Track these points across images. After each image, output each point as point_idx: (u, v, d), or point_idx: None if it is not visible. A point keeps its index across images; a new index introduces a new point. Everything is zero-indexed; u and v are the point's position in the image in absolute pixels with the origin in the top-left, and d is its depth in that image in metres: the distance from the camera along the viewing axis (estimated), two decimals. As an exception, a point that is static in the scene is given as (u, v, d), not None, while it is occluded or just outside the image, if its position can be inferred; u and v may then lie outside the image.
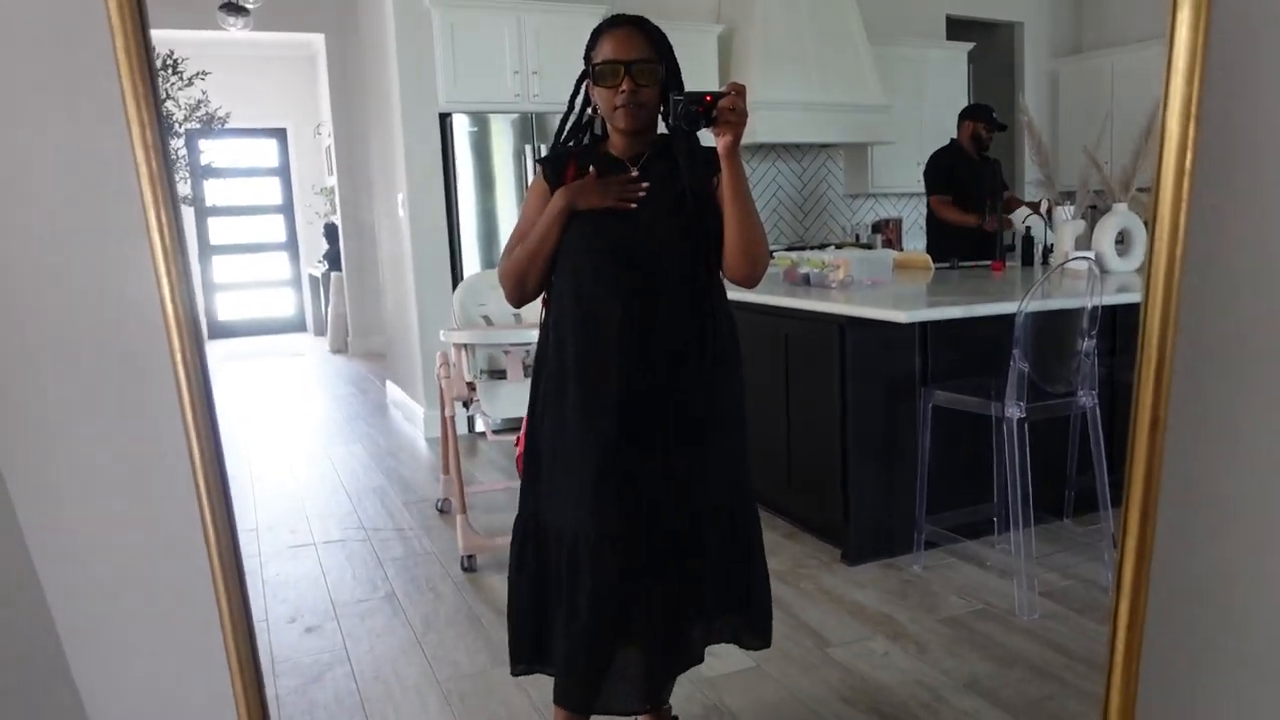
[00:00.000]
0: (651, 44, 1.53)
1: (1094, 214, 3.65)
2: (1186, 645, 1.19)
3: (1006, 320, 2.45)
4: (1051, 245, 3.71)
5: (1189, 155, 0.93)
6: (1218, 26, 0.93)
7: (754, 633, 1.73)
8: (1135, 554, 0.99)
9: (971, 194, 4.40)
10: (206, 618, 1.22)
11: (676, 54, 1.56)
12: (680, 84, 1.55)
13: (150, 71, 1.00)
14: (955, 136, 4.70)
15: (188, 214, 7.30)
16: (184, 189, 5.31)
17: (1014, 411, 2.43)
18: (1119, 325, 2.74)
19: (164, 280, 1.03)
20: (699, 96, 1.43)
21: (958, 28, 6.22)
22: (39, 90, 1.15)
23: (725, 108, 1.41)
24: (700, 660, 1.72)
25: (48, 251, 1.20)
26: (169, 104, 4.95)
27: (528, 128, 4.62)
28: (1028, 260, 3.86)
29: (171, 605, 1.30)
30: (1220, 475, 1.13)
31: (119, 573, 1.29)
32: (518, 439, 1.77)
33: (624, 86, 1.49)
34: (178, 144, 5.14)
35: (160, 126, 0.99)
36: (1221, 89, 0.97)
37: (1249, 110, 1.03)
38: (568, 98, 1.63)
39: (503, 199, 4.68)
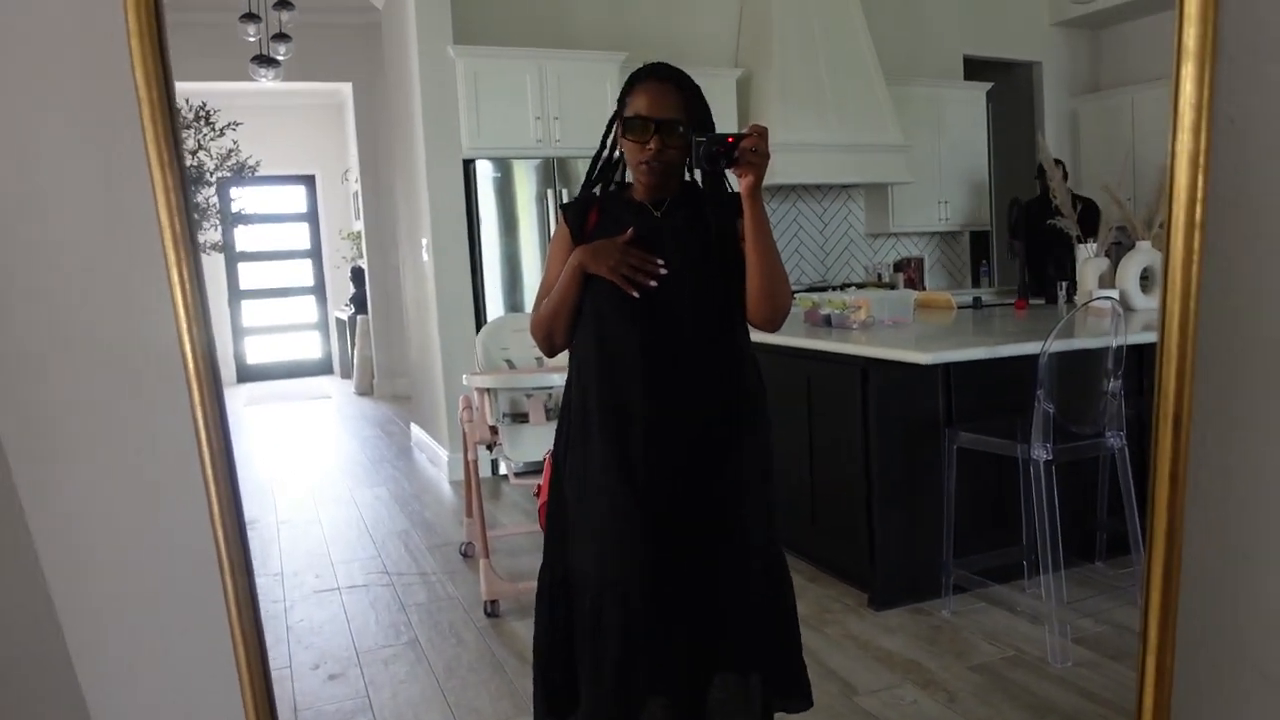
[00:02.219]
0: (684, 101, 1.53)
1: (1118, 251, 3.63)
2: (1216, 693, 1.16)
3: (1031, 360, 2.43)
4: (1076, 284, 3.68)
5: (1199, 208, 0.93)
6: (1223, 78, 0.94)
7: (797, 693, 1.68)
8: (1160, 609, 0.97)
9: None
10: (223, 663, 1.22)
11: None
12: (711, 131, 1.55)
13: (174, 133, 1.03)
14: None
15: (218, 260, 7.45)
16: (215, 236, 5.42)
17: (1040, 453, 2.40)
18: (1145, 364, 2.71)
19: (184, 332, 1.06)
20: (721, 138, 1.44)
21: (975, 68, 6.26)
22: (69, 149, 1.19)
23: (747, 148, 1.42)
24: None
25: (73, 299, 1.23)
26: (201, 154, 5.08)
27: (549, 172, 4.69)
28: (1051, 299, 3.84)
29: (188, 650, 1.31)
30: (1245, 523, 1.11)
31: (135, 613, 1.30)
32: (537, 489, 1.76)
33: (651, 144, 1.51)
34: (209, 193, 5.25)
35: (184, 187, 1.02)
36: (1228, 140, 0.97)
37: (1256, 160, 1.02)
38: (591, 142, 1.64)
39: (526, 243, 4.74)
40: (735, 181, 1.50)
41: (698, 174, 1.59)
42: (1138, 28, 6.12)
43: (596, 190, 1.65)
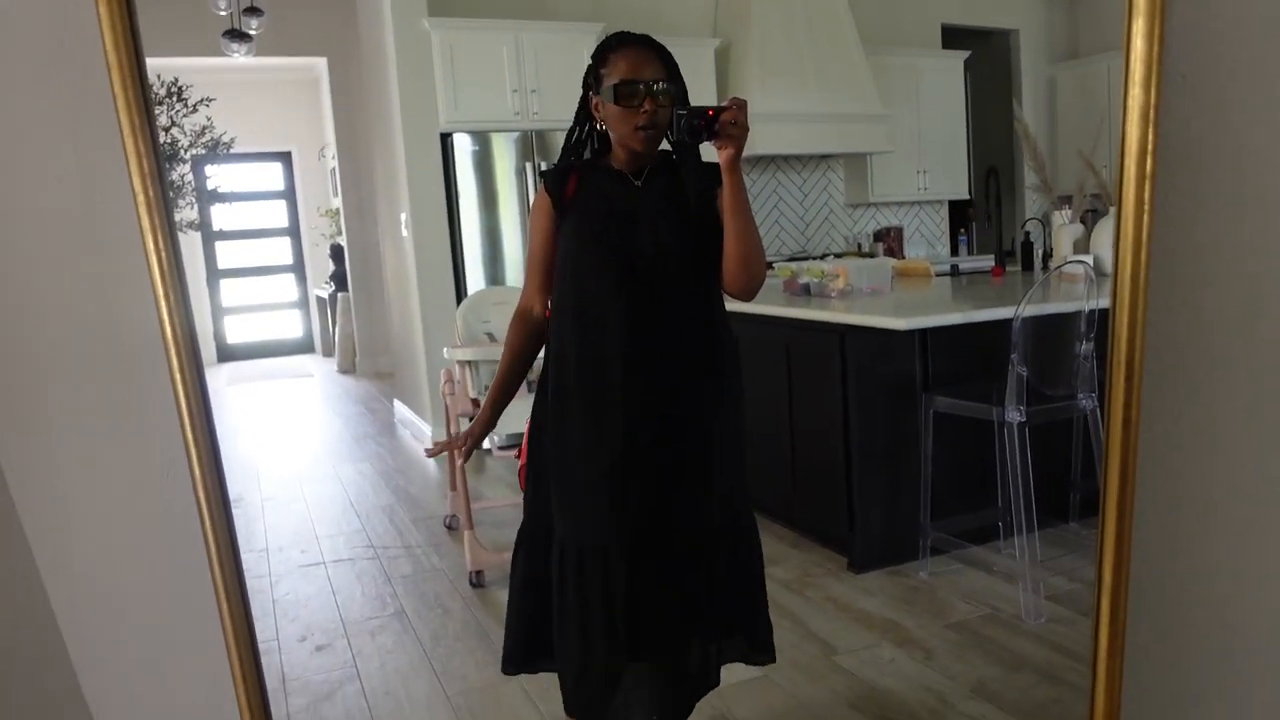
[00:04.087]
0: (665, 64, 1.54)
1: (1093, 217, 3.67)
2: (1170, 643, 1.20)
3: (1006, 325, 2.47)
4: (1051, 249, 3.72)
5: (1149, 160, 0.96)
6: (1173, 35, 0.95)
7: (761, 648, 1.74)
8: (1114, 554, 1.01)
9: None
10: (212, 637, 1.24)
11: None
12: (686, 101, 1.56)
13: (146, 103, 1.03)
14: None
15: (195, 239, 7.36)
16: (191, 214, 5.35)
17: (1014, 416, 2.44)
18: (1118, 328, 2.75)
19: (163, 304, 1.06)
20: (702, 110, 1.44)
21: (953, 36, 6.26)
22: (40, 119, 1.18)
23: (727, 121, 1.43)
24: (717, 684, 1.73)
25: (50, 275, 1.23)
26: (174, 131, 5.01)
27: (528, 145, 4.67)
28: (1027, 265, 3.88)
29: (177, 625, 1.32)
30: (1198, 473, 1.15)
31: (124, 590, 1.32)
32: (518, 451, 1.79)
33: (647, 107, 1.50)
34: (184, 170, 5.19)
35: (157, 153, 1.02)
36: (1180, 96, 1.00)
37: (1208, 115, 1.05)
38: (569, 113, 1.64)
39: (506, 217, 4.72)
40: (712, 152, 1.51)
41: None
42: (1113, -6, 6.13)
43: (574, 158, 1.66)
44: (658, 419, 1.58)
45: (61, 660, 1.30)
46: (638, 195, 1.59)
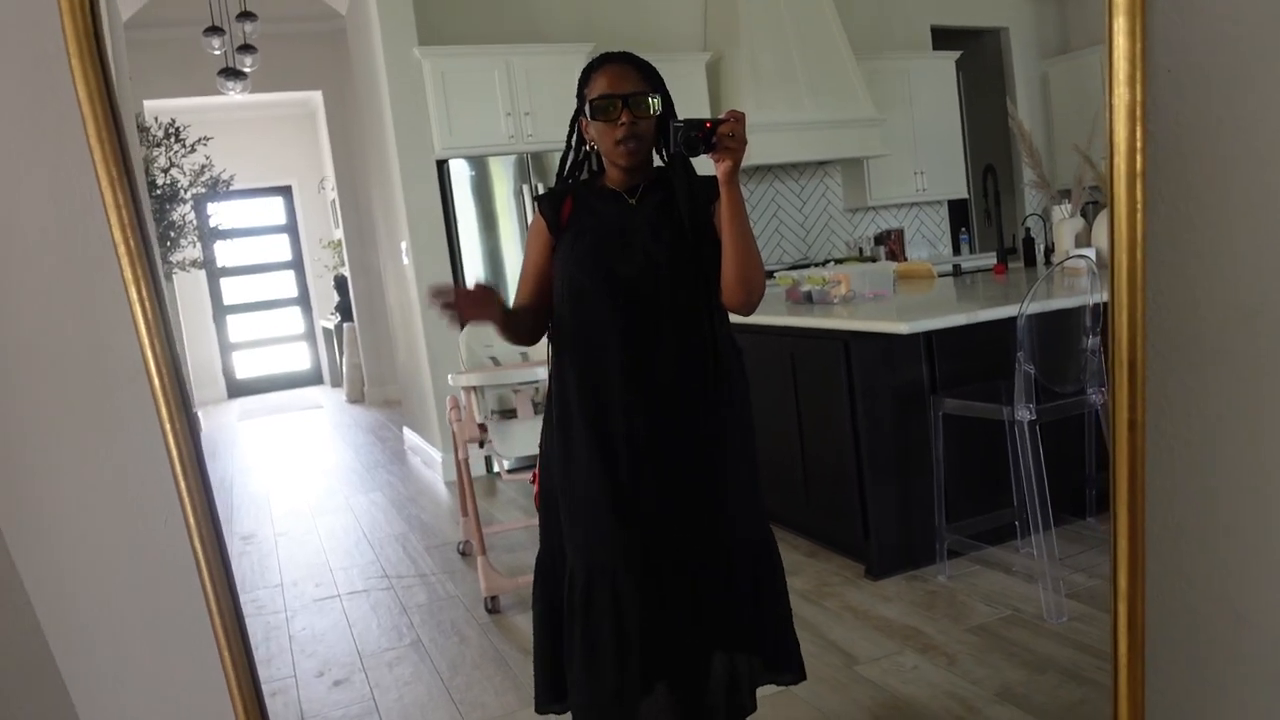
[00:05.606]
0: (644, 77, 1.54)
1: (1093, 209, 3.65)
2: (1188, 642, 1.18)
3: (1012, 324, 2.45)
4: (1052, 244, 3.70)
5: (1139, 158, 0.95)
6: (1155, 30, 0.95)
7: (787, 666, 1.70)
8: (1129, 559, 0.99)
9: None
10: (215, 682, 1.23)
11: (668, 85, 1.58)
12: (674, 114, 1.56)
13: (124, 153, 1.03)
14: None
15: (200, 277, 7.42)
16: (194, 253, 5.39)
17: (1024, 414, 2.42)
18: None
19: (149, 351, 1.06)
20: (699, 123, 1.44)
21: (944, 37, 6.27)
22: (20, 177, 1.18)
23: (725, 134, 1.42)
24: (753, 709, 1.70)
25: (39, 323, 1.23)
26: (174, 172, 5.05)
27: (525, 167, 4.68)
28: (1030, 261, 3.86)
29: (177, 668, 1.31)
30: (1205, 469, 1.13)
31: (122, 636, 1.31)
32: (533, 475, 1.78)
33: (623, 119, 1.50)
34: (185, 210, 5.23)
35: (138, 203, 1.02)
36: (1166, 91, 0.99)
37: (1194, 109, 1.04)
38: (564, 135, 1.65)
39: (506, 239, 4.74)
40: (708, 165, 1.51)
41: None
42: (1100, -12, 6.13)
43: (570, 180, 1.66)
44: (662, 439, 1.57)
45: (65, 708, 1.29)
46: (632, 214, 1.59)
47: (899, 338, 2.70)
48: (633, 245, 1.56)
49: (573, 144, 1.64)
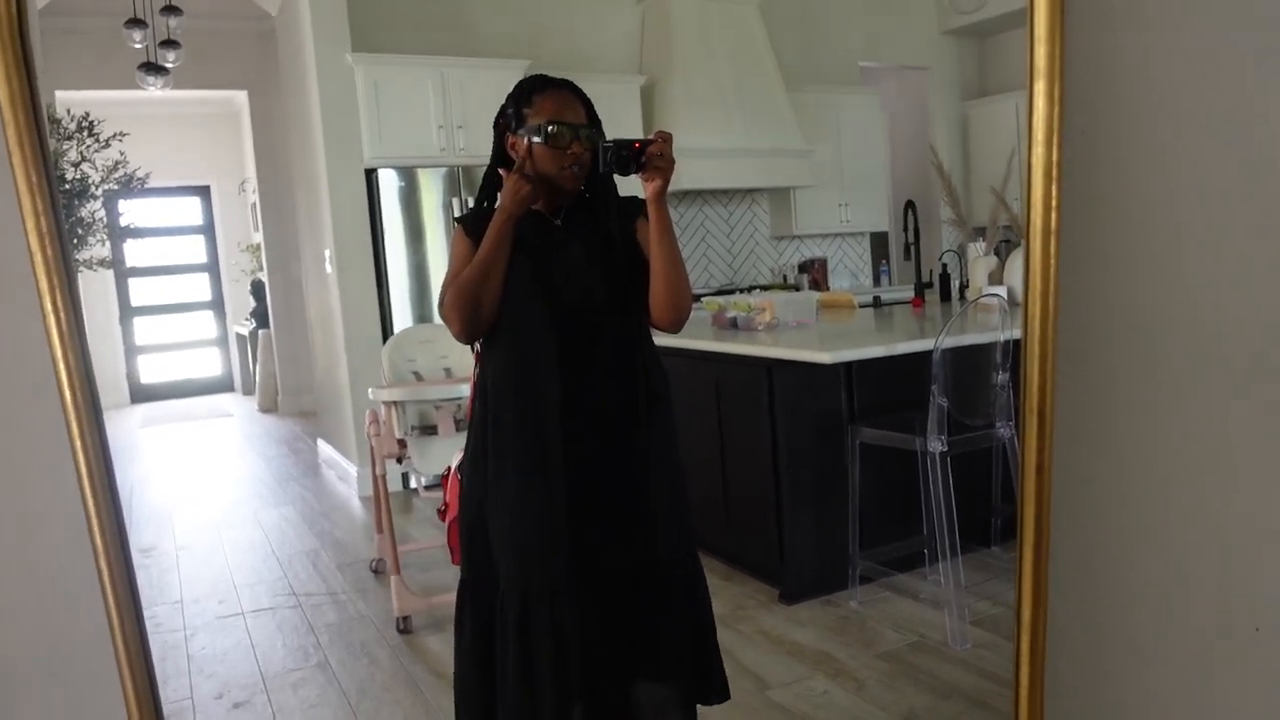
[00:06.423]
0: (588, 110, 1.57)
1: (1006, 248, 3.81)
2: (1089, 675, 1.23)
3: (927, 356, 2.53)
4: (967, 280, 3.84)
5: (1054, 215, 1.00)
6: (1074, 92, 1.00)
7: (715, 689, 1.70)
8: (1032, 591, 1.04)
9: None
10: (113, 699, 1.17)
11: (601, 106, 1.61)
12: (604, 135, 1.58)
13: (44, 157, 0.98)
14: None
15: (107, 276, 7.09)
16: (103, 252, 5.15)
17: (936, 445, 2.50)
18: (1032, 357, 2.84)
19: (61, 366, 1.01)
20: (628, 143, 1.46)
21: (873, 74, 6.48)
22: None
23: (654, 154, 1.45)
24: None
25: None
26: (85, 167, 4.84)
27: (455, 180, 4.64)
28: (945, 296, 4.00)
29: (72, 698, 1.25)
30: (1111, 507, 1.19)
31: (20, 660, 1.24)
32: (443, 505, 1.74)
33: (575, 149, 1.52)
34: (95, 207, 5.01)
35: (56, 209, 0.98)
36: (1081, 151, 1.05)
37: (1106, 168, 1.10)
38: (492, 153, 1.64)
39: (433, 253, 4.68)
40: (630, 186, 1.52)
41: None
42: (1017, 37, 6.41)
43: (487, 204, 1.64)
44: (600, 463, 1.56)
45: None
46: (557, 235, 1.59)
47: (821, 367, 2.76)
48: (561, 266, 1.56)
49: (498, 160, 1.63)
